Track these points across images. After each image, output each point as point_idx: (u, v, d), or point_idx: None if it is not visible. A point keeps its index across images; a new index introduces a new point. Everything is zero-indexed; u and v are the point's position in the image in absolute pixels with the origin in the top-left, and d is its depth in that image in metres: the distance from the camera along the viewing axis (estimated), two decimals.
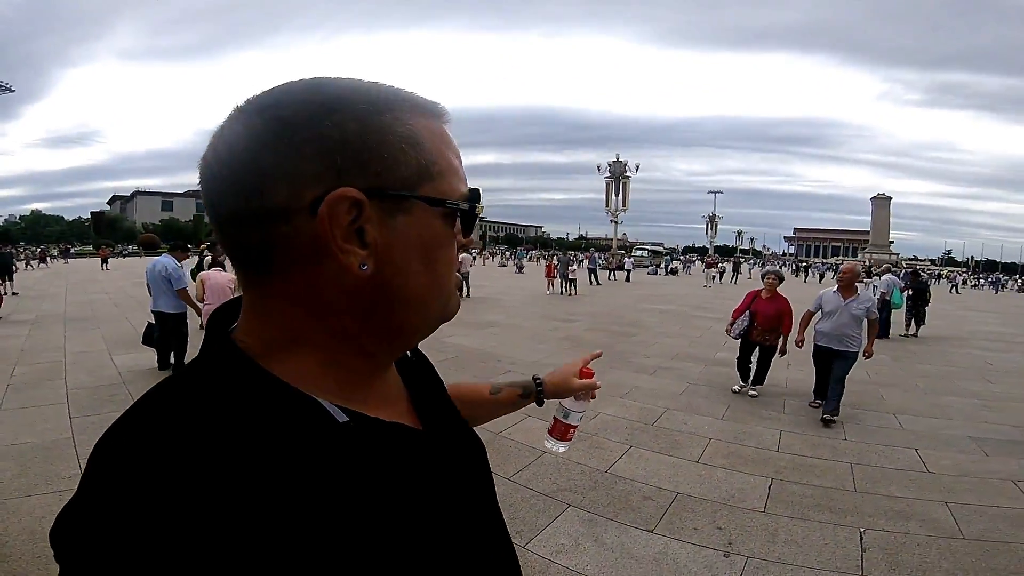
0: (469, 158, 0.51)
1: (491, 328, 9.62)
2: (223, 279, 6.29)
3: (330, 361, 0.44)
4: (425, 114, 0.45)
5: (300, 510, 0.36)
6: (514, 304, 13.54)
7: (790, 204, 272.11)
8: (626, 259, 30.60)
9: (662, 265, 36.42)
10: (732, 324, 5.87)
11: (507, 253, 52.22)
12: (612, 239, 46.73)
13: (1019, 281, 50.09)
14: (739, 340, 5.88)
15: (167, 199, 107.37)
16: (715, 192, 59.09)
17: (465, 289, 14.05)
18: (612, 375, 6.57)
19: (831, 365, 5.13)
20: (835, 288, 5.35)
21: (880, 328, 10.31)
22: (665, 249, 70.08)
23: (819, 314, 5.38)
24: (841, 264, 6.82)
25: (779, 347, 5.66)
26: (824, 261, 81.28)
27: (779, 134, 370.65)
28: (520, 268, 27.23)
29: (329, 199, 0.39)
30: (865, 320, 5.18)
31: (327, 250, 0.40)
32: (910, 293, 10.64)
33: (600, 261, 26.84)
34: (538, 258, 44.61)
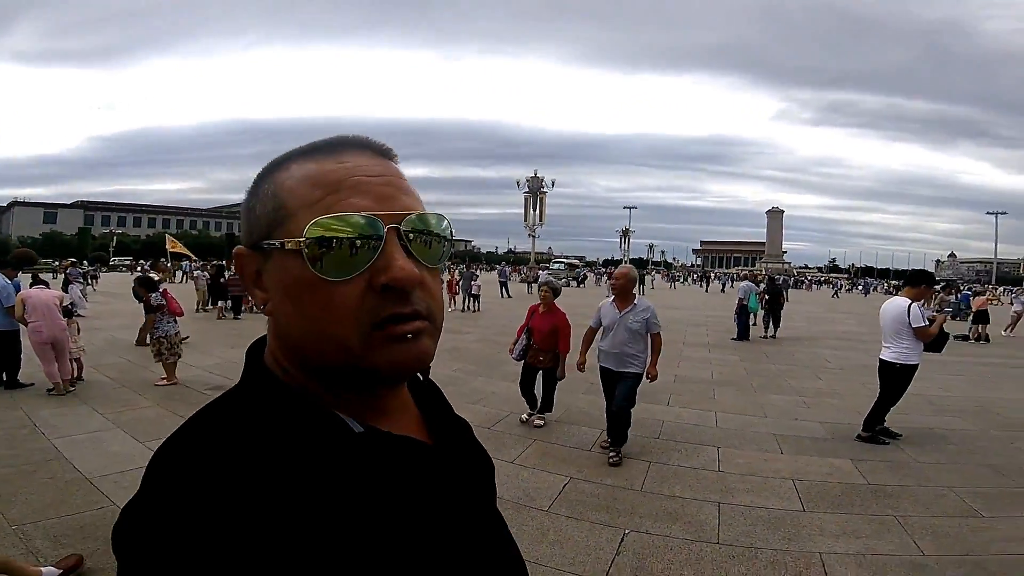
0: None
1: None
2: (47, 296, 5.89)
3: (318, 382, 0.50)
4: (312, 158, 0.50)
5: (323, 510, 0.43)
6: None
7: (698, 218, 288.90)
8: (541, 272, 31.32)
9: (574, 277, 37.59)
10: (515, 344, 5.09)
11: None
12: (531, 253, 47.81)
13: (886, 285, 56.41)
14: (521, 362, 5.06)
15: (50, 210, 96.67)
16: (630, 207, 61.48)
17: None
18: (475, 383, 6.67)
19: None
20: (612, 298, 4.47)
21: (739, 331, 11.29)
22: (583, 263, 72.41)
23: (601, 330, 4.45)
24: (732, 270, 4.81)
25: (558, 370, 4.85)
26: (726, 271, 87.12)
27: (691, 152, 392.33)
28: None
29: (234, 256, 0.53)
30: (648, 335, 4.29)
31: None
32: (767, 297, 11.67)
33: (510, 274, 27.36)
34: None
